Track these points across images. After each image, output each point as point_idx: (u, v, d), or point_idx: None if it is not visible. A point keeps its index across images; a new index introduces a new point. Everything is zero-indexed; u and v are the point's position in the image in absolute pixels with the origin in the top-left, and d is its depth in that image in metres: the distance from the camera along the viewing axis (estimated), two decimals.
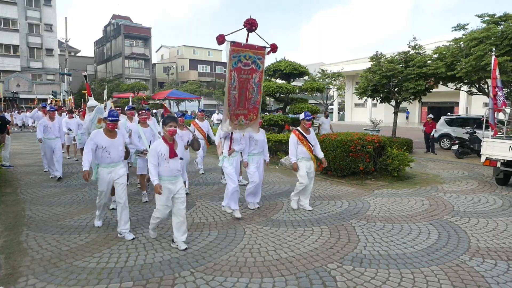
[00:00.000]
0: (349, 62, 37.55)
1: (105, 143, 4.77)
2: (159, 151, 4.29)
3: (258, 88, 5.74)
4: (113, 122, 4.81)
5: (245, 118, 5.74)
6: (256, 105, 5.85)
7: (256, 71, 5.59)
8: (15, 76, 37.82)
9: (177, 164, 4.38)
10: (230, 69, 5.28)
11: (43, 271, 3.85)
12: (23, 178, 8.87)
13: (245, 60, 5.38)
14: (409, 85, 12.69)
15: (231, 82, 5.34)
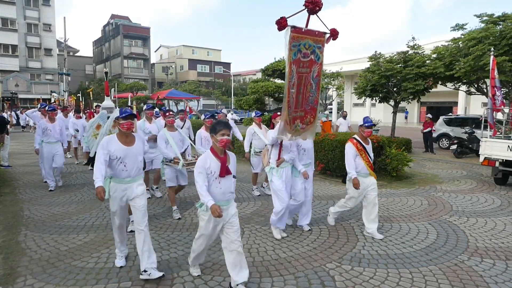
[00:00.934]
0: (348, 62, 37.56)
1: (120, 152, 3.72)
2: (207, 167, 3.32)
3: (316, 84, 4.81)
4: (128, 119, 3.73)
5: (302, 122, 4.77)
6: (314, 105, 4.92)
7: (315, 63, 4.64)
8: (13, 76, 37.73)
9: (231, 184, 3.43)
10: (290, 62, 4.31)
11: (41, 271, 3.84)
12: (21, 178, 8.86)
13: (304, 50, 4.43)
14: (408, 85, 12.69)
15: (291, 78, 4.39)
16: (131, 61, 52.39)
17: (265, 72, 13.78)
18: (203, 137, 6.30)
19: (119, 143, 3.75)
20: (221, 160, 3.36)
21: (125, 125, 3.74)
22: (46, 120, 7.74)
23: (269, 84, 12.82)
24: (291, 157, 4.92)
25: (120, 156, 3.71)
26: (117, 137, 3.80)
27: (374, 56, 14.23)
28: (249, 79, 49.12)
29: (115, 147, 3.72)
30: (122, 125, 3.75)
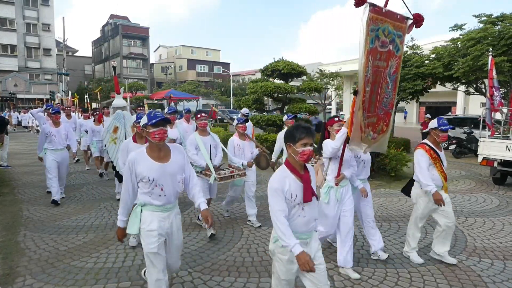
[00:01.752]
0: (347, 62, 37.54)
1: (153, 172, 2.71)
2: (286, 190, 2.42)
3: (393, 83, 3.91)
4: (160, 127, 2.70)
5: (373, 131, 3.80)
6: (389, 109, 3.99)
7: (393, 56, 3.74)
8: (12, 76, 37.68)
9: (315, 209, 2.59)
10: (366, 51, 3.32)
11: (40, 271, 3.85)
12: (20, 178, 8.85)
13: (383, 37, 3.50)
14: (407, 85, 12.73)
15: (366, 72, 3.41)
16: (130, 61, 52.33)
17: (264, 72, 13.78)
18: (236, 145, 5.45)
19: (150, 160, 2.74)
20: (304, 179, 2.46)
21: (157, 135, 2.70)
22: (50, 124, 6.59)
23: (268, 84, 12.83)
24: (352, 173, 4.00)
25: (154, 177, 2.71)
26: (147, 151, 2.77)
27: None
28: (248, 79, 49.10)
29: (146, 166, 2.72)
30: (152, 134, 2.69)
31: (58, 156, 6.57)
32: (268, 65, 13.65)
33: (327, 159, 3.95)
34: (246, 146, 5.48)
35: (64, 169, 6.79)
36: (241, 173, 5.08)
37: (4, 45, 37.75)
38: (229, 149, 5.39)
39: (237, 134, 5.54)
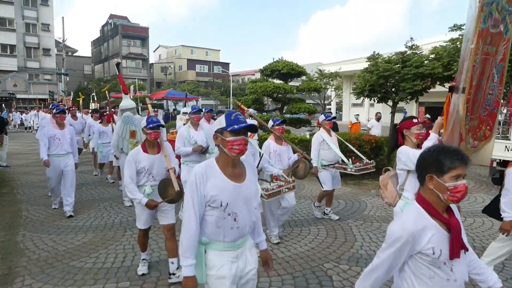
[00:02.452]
0: (346, 62, 37.63)
1: (227, 195, 2.01)
2: (424, 244, 1.69)
3: (500, 74, 3.15)
4: (242, 135, 1.99)
5: (474, 137, 3.08)
6: (494, 108, 3.27)
7: (502, 39, 2.96)
8: (12, 76, 37.67)
9: (465, 270, 1.91)
10: (478, 33, 2.60)
11: (39, 271, 3.85)
12: (20, 178, 8.85)
13: (496, 14, 2.74)
14: (406, 85, 12.71)
15: (475, 61, 2.68)
16: (130, 61, 52.32)
17: (264, 72, 13.81)
18: (272, 150, 4.73)
19: (224, 177, 2.02)
20: (452, 226, 1.71)
21: (237, 146, 1.96)
22: (53, 126, 5.74)
23: (267, 84, 12.85)
24: None
25: (228, 201, 2.00)
26: (219, 164, 2.04)
27: (372, 57, 14.25)
28: (248, 79, 49.12)
29: (217, 184, 1.99)
30: (230, 144, 1.97)
31: (61, 162, 5.73)
32: (268, 65, 13.67)
33: (404, 171, 3.25)
34: (283, 151, 4.79)
35: (69, 176, 5.79)
36: (290, 186, 4.21)
37: (4, 45, 37.75)
38: (266, 155, 4.61)
39: (273, 137, 4.80)
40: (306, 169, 4.76)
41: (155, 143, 3.63)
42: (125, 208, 6.26)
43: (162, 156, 3.62)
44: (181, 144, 5.29)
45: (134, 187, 3.53)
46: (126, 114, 5.37)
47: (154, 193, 3.59)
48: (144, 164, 3.53)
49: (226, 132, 1.98)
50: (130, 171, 3.50)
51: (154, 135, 3.53)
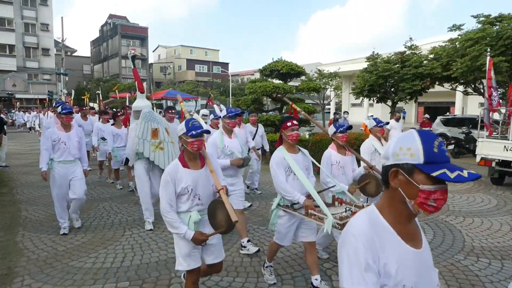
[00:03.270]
0: (346, 62, 37.64)
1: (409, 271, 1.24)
2: None
3: None
4: None
5: None
6: None
7: None
8: (11, 76, 37.65)
9: None
10: None
11: (39, 272, 3.85)
12: (19, 178, 8.85)
13: None
14: (405, 85, 12.76)
15: None
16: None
17: (263, 72, 13.81)
18: (335, 162, 3.88)
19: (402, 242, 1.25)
20: None
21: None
22: (58, 128, 4.92)
23: (267, 84, 12.84)
24: None
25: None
26: None
27: (371, 57, 14.30)
28: (247, 79, 49.12)
29: (395, 251, 1.22)
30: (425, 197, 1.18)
31: (68, 170, 4.89)
32: (267, 65, 13.67)
33: None
34: (347, 162, 3.93)
35: (78, 187, 4.95)
36: None
37: (3, 45, 37.72)
38: (325, 167, 3.84)
39: (335, 146, 3.94)
40: (379, 186, 3.75)
41: (197, 155, 2.81)
42: (125, 208, 6.27)
43: (208, 171, 2.81)
44: None
45: (175, 215, 2.68)
46: (147, 110, 4.86)
47: (202, 221, 2.78)
48: (187, 183, 2.70)
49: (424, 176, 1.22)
50: (168, 195, 2.66)
51: (197, 144, 2.70)
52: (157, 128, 4.78)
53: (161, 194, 2.70)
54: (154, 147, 4.74)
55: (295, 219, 3.35)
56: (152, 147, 4.76)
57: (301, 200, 3.20)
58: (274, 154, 3.36)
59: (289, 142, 3.32)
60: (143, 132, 4.76)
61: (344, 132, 3.86)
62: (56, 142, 4.82)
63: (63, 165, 4.87)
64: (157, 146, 4.74)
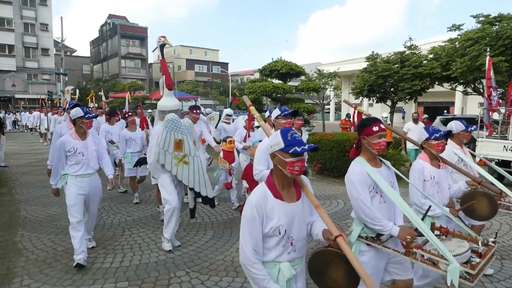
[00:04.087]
0: (345, 62, 37.66)
1: None
2: None
3: None
4: None
5: None
6: None
7: None
8: (10, 76, 37.66)
9: None
10: None
11: (38, 272, 3.84)
12: (18, 178, 8.83)
13: None
14: (405, 85, 12.76)
15: None
16: (129, 61, 52.28)
17: (263, 72, 13.82)
18: (429, 177, 3.07)
19: None
20: None
21: None
22: (73, 135, 4.07)
23: (266, 84, 12.86)
24: None
25: None
26: None
27: (371, 57, 14.29)
28: (247, 79, 49.11)
29: None
30: None
31: (86, 185, 4.06)
32: (267, 65, 13.68)
33: None
34: (442, 177, 3.12)
35: (94, 206, 4.30)
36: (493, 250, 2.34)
37: (2, 45, 37.72)
38: (418, 184, 3.04)
39: (426, 156, 3.14)
40: (494, 205, 3.04)
41: (291, 182, 1.99)
42: (124, 208, 6.26)
43: (305, 206, 2.03)
44: (265, 165, 3.48)
45: (261, 267, 1.88)
46: (170, 117, 4.04)
47: (294, 276, 2.00)
48: (280, 222, 1.91)
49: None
50: (254, 237, 1.88)
51: (299, 166, 1.88)
52: (181, 139, 4.06)
53: (243, 237, 1.90)
54: (177, 160, 4.09)
55: (383, 255, 2.47)
56: (174, 160, 4.08)
57: (395, 231, 2.33)
58: (353, 169, 2.54)
59: (373, 152, 2.49)
60: (164, 142, 4.08)
61: (440, 139, 3.05)
62: (71, 153, 3.99)
63: (82, 179, 4.02)
64: (181, 159, 4.09)
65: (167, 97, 4.42)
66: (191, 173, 4.21)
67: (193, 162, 4.19)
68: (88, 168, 4.07)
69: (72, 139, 4.03)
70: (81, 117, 4.01)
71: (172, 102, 4.39)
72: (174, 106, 4.35)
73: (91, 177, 4.12)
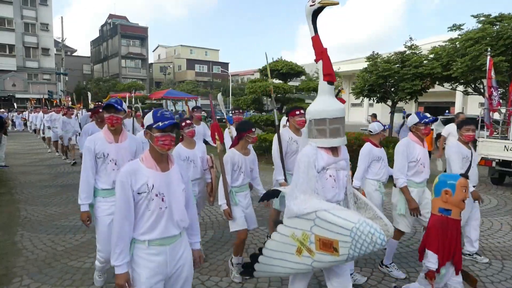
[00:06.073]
0: (345, 62, 37.68)
1: None
2: None
3: None
4: None
5: None
6: None
7: None
8: (10, 76, 37.65)
9: None
10: None
11: (37, 272, 3.83)
12: (18, 178, 8.83)
13: None
14: (405, 85, 12.73)
15: None
16: (129, 61, 52.29)
17: (263, 72, 13.80)
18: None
19: None
20: None
21: None
22: (106, 136, 3.09)
23: (267, 84, 12.83)
24: None
25: None
26: None
27: (371, 56, 14.26)
28: (247, 79, 49.11)
29: None
30: None
31: None
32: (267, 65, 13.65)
33: None
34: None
35: None
36: None
37: (3, 45, 37.71)
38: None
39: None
40: None
41: None
42: None
43: None
44: None
45: None
46: None
47: None
48: None
49: None
50: None
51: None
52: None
53: None
54: None
55: None
56: None
57: None
58: None
59: None
60: None
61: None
62: (101, 159, 3.04)
63: (111, 197, 2.97)
64: None
65: (324, 96, 2.53)
66: None
67: None
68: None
69: (102, 138, 3.07)
70: (103, 107, 3.11)
71: (335, 104, 2.51)
72: (339, 112, 2.48)
73: None
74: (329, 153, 2.51)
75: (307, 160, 2.44)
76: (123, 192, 2.04)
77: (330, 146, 2.50)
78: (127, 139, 3.17)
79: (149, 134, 2.11)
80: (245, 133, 3.60)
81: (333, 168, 2.52)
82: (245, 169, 3.72)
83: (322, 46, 2.62)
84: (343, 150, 2.65)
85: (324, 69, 2.57)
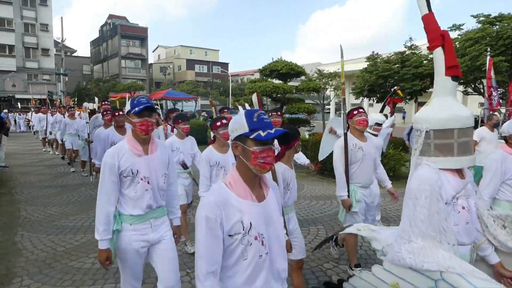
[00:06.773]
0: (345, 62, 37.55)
1: None
2: None
3: None
4: None
5: None
6: None
7: None
8: (10, 76, 37.64)
9: None
10: None
11: (37, 272, 3.83)
12: (18, 178, 8.83)
13: None
14: (405, 85, 12.76)
15: None
16: (129, 61, 52.29)
17: (263, 72, 13.80)
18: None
19: None
20: None
21: None
22: (132, 145, 2.34)
23: (267, 84, 12.83)
24: None
25: None
26: None
27: (371, 57, 14.30)
28: (247, 79, 49.10)
29: None
30: None
31: (153, 232, 2.48)
32: (267, 65, 13.65)
33: None
34: None
35: (168, 269, 2.73)
36: None
37: (2, 45, 37.69)
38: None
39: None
40: None
41: None
42: None
43: None
44: None
45: None
46: None
47: None
48: None
49: None
50: None
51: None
52: None
53: None
54: None
55: None
56: None
57: None
58: None
59: None
60: None
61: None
62: (126, 177, 2.34)
63: (142, 224, 2.39)
64: None
65: (449, 97, 1.93)
66: None
67: None
68: (153, 201, 2.41)
69: (133, 154, 2.35)
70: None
71: (463, 109, 1.91)
72: (469, 119, 1.88)
73: (158, 217, 2.47)
74: (456, 175, 1.88)
75: (430, 189, 1.76)
76: (209, 233, 1.46)
77: (458, 168, 1.86)
78: (158, 148, 2.44)
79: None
80: (295, 141, 2.85)
81: (463, 196, 1.88)
82: (293, 185, 2.98)
83: (439, 28, 2.06)
84: (466, 170, 1.99)
85: (447, 59, 1.92)
